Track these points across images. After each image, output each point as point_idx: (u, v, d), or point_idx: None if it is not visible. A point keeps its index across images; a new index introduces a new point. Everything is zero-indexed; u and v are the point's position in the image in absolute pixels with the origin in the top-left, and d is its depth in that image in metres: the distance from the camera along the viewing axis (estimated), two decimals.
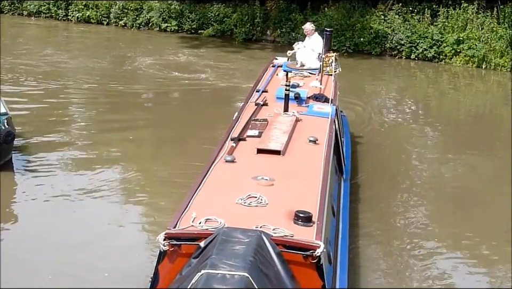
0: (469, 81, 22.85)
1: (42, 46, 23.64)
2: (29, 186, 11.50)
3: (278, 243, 5.70)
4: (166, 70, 20.98)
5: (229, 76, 20.87)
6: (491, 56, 23.49)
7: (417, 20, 25.12)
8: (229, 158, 7.57)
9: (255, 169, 7.39)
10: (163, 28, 27.61)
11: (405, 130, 16.30)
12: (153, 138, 14.83)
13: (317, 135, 8.62)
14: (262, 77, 12.25)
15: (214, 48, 25.14)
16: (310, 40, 13.32)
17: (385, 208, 11.35)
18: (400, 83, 22.39)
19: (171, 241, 5.82)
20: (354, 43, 25.06)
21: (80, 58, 22.18)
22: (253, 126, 8.75)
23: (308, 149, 8.24)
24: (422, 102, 19.60)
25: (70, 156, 13.07)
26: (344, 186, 10.23)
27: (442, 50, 24.13)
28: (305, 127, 9.10)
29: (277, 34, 26.51)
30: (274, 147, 7.95)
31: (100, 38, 26.60)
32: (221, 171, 7.34)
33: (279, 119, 9.15)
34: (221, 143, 8.20)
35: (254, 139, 8.30)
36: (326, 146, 8.34)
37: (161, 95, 18.60)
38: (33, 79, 18.76)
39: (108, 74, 20.25)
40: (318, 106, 10.03)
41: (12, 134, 11.73)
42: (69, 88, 18.34)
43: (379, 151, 14.31)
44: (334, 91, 11.31)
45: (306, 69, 12.62)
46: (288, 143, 8.20)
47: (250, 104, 10.09)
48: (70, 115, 15.97)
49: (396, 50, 24.79)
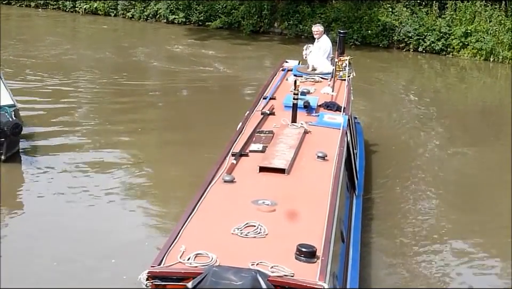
0: (476, 74, 22.79)
1: (49, 38, 23.67)
2: (36, 178, 11.56)
3: (276, 285, 5.09)
4: (173, 62, 21.00)
5: (236, 68, 20.86)
6: (499, 49, 23.39)
7: (425, 13, 25.02)
8: (227, 177, 6.90)
9: (256, 191, 6.73)
10: (170, 20, 27.59)
11: (412, 124, 16.25)
12: (160, 128, 14.92)
13: (326, 149, 7.93)
14: (271, 81, 11.38)
15: (221, 40, 25.12)
16: (318, 43, 12.53)
17: (401, 222, 10.71)
18: (407, 76, 22.34)
19: (155, 281, 5.19)
20: (362, 35, 25.00)
21: (87, 49, 22.21)
22: (257, 139, 8.08)
23: (316, 167, 7.56)
24: (430, 94, 19.55)
25: (78, 148, 13.13)
26: (357, 204, 9.51)
27: (450, 43, 24.05)
28: (314, 140, 8.39)
29: (285, 27, 26.46)
30: (278, 165, 7.26)
31: (107, 30, 26.61)
32: (217, 194, 6.65)
33: (285, 131, 8.44)
34: (221, 159, 7.51)
35: (257, 155, 7.63)
36: (336, 163, 7.62)
37: (168, 88, 18.60)
38: (41, 71, 18.80)
39: (115, 67, 20.27)
40: (329, 116, 9.22)
41: (19, 125, 11.77)
42: (76, 81, 18.34)
43: (388, 149, 14.24)
44: (347, 99, 10.46)
45: (318, 74, 11.79)
46: (294, 160, 7.53)
47: (256, 113, 9.36)
48: (78, 108, 15.98)
49: (404, 43, 24.71)
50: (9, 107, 12.09)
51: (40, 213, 10.21)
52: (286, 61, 12.74)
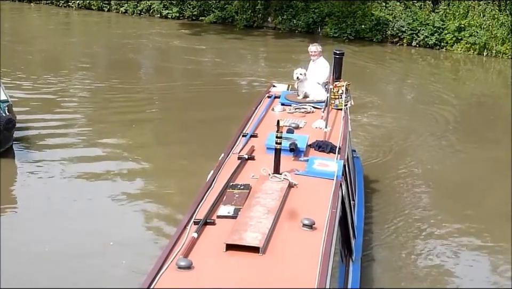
0: (469, 67, 22.85)
1: (41, 32, 23.63)
2: (30, 173, 11.54)
3: None
4: (166, 57, 21.00)
5: (228, 62, 20.85)
6: (492, 43, 23.46)
7: (418, 7, 25.08)
8: (183, 262, 5.15)
9: (219, 281, 5.16)
10: (164, 15, 27.57)
11: (408, 125, 16.25)
12: (154, 122, 14.93)
13: (315, 212, 6.29)
14: (254, 112, 9.34)
15: (215, 35, 25.11)
16: (314, 64, 10.69)
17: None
18: (400, 70, 22.36)
19: None
20: (355, 30, 25.02)
21: (80, 44, 22.18)
22: (228, 198, 6.33)
23: (301, 240, 5.85)
24: (424, 88, 19.60)
25: (72, 142, 13.12)
26: (353, 273, 7.96)
27: (444, 38, 24.10)
28: (300, 198, 6.63)
29: (278, 22, 26.46)
30: (250, 242, 5.52)
31: (99, 25, 26.58)
32: (169, 287, 5.05)
33: (265, 187, 6.61)
34: (179, 230, 5.74)
35: (226, 223, 5.88)
36: (326, 234, 5.92)
37: (162, 83, 18.59)
38: (34, 65, 18.79)
39: (109, 62, 20.27)
40: (320, 163, 7.45)
41: (12, 121, 11.75)
42: (70, 76, 18.33)
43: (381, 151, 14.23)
44: (343, 135, 8.63)
45: (309, 102, 9.75)
46: (272, 231, 5.81)
47: (232, 157, 7.53)
48: (72, 103, 15.96)
49: (397, 38, 24.75)
50: (3, 103, 12.07)
51: (34, 208, 10.19)
52: (274, 85, 10.78)
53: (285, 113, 9.18)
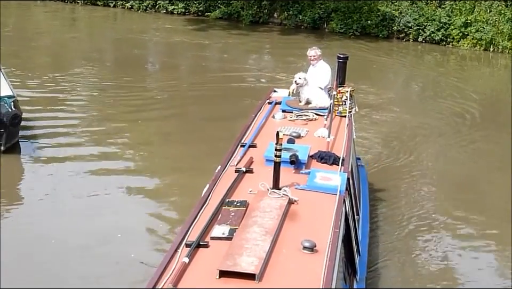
0: (476, 64, 22.79)
1: (47, 28, 23.65)
2: (35, 168, 11.59)
3: None
4: (172, 53, 20.99)
5: (234, 58, 20.85)
6: (499, 39, 23.39)
7: (424, 3, 25.00)
8: None
9: None
10: (170, 10, 27.54)
11: (415, 123, 16.25)
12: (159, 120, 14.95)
13: (316, 232, 5.89)
14: (254, 119, 8.89)
15: (220, 30, 25.09)
16: (314, 69, 10.21)
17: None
18: (407, 66, 22.30)
19: None
20: (361, 26, 24.94)
21: (86, 40, 22.20)
22: (223, 217, 5.91)
23: (300, 265, 5.39)
24: (431, 85, 19.56)
25: (78, 138, 13.14)
26: None
27: (450, 33, 24.02)
28: (300, 216, 6.21)
29: (284, 17, 26.41)
30: (246, 269, 5.07)
31: (105, 20, 26.59)
32: None
33: (263, 204, 6.17)
34: (169, 254, 5.33)
35: (220, 245, 5.46)
36: (328, 257, 5.49)
37: (168, 80, 18.59)
38: (40, 61, 18.81)
39: (115, 57, 20.28)
40: (322, 176, 7.01)
41: (18, 116, 11.78)
42: (76, 72, 18.32)
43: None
44: (346, 146, 8.17)
45: (312, 109, 9.26)
46: (270, 255, 5.37)
47: (229, 170, 7.12)
48: (77, 99, 15.98)
49: (403, 33, 24.68)
50: (9, 98, 12.09)
51: (40, 203, 10.22)
52: (275, 90, 10.30)
53: (286, 121, 8.79)
